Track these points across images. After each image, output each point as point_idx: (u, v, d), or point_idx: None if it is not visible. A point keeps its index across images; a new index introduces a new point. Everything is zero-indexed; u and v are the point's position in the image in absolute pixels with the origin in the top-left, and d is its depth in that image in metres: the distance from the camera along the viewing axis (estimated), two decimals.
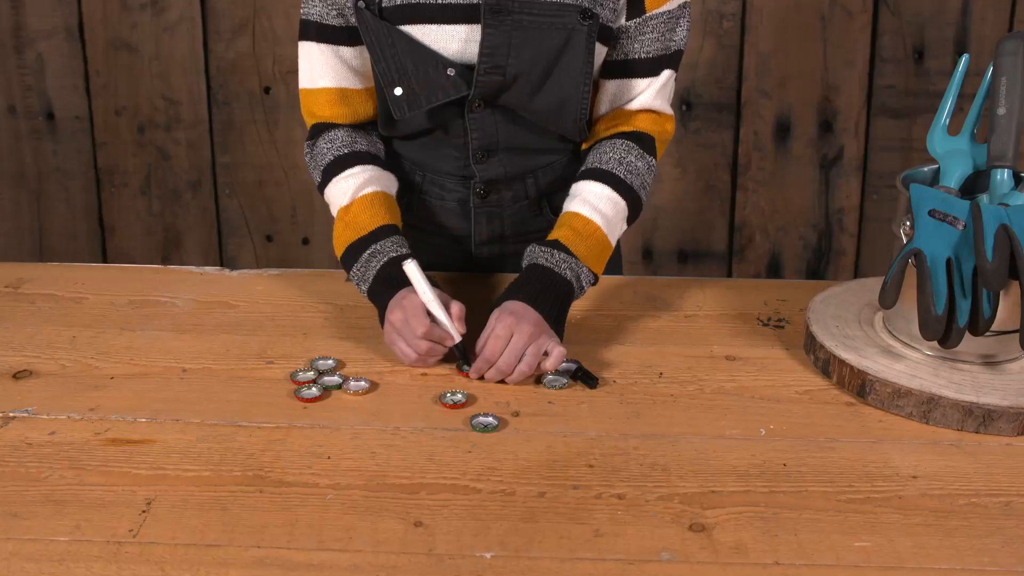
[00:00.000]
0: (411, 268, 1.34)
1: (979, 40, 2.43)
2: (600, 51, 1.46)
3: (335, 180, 1.47)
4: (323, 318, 1.49)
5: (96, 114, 2.59)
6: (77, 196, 2.66)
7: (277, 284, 1.59)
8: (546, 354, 1.31)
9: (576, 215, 1.43)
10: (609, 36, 1.45)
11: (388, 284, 1.37)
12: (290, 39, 2.50)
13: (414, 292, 1.34)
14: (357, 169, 1.47)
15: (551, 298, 1.36)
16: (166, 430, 1.22)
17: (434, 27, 1.41)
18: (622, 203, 1.46)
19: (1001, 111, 1.33)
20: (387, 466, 1.16)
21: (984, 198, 1.35)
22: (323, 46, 1.47)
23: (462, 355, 1.33)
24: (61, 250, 2.70)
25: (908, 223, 1.31)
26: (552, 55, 1.41)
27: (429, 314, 1.33)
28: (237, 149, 2.60)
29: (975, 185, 1.38)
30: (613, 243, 1.46)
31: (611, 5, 1.43)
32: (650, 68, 1.48)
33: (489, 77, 1.40)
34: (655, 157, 1.51)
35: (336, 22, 1.45)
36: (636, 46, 1.47)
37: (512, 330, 1.30)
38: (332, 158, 1.48)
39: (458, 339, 1.33)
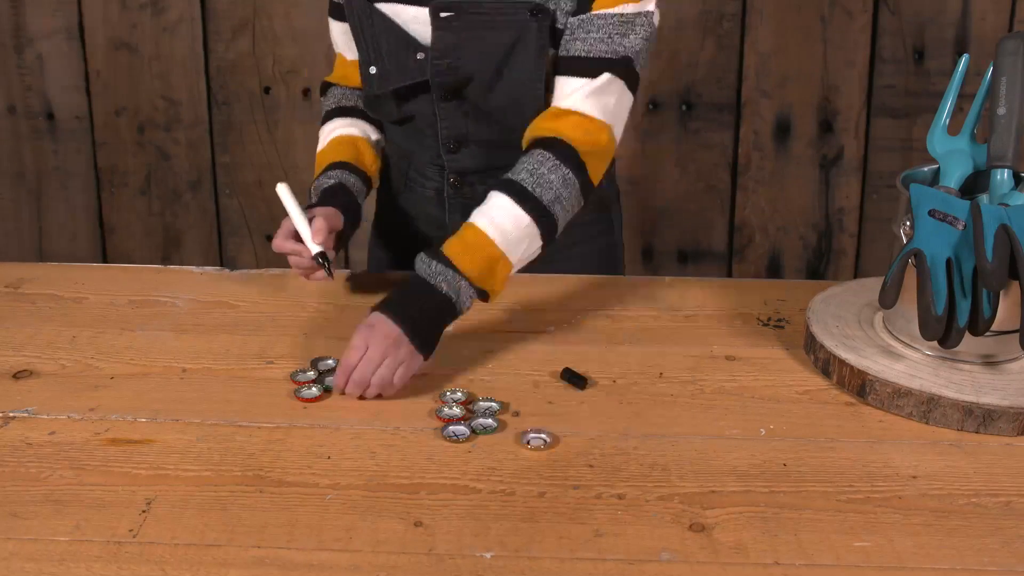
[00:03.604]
0: (281, 189, 1.44)
1: (979, 40, 2.43)
2: (553, 52, 1.45)
3: (321, 131, 1.62)
4: (323, 318, 1.49)
5: (96, 114, 2.59)
6: (77, 196, 2.66)
7: (277, 284, 1.59)
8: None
9: (471, 226, 1.36)
10: (557, 34, 1.44)
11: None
12: (290, 39, 2.50)
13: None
14: (337, 121, 1.60)
15: (417, 311, 1.30)
16: (166, 430, 1.22)
17: (402, 7, 1.46)
18: (526, 219, 1.36)
19: (1001, 111, 1.33)
20: (387, 466, 1.16)
21: (984, 198, 1.35)
22: (333, 21, 1.60)
23: (323, 264, 1.41)
24: (61, 250, 2.70)
25: (908, 223, 1.31)
26: (503, 52, 1.42)
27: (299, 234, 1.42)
28: (237, 149, 2.59)
29: (975, 185, 1.38)
30: (515, 259, 1.36)
31: (565, 6, 1.42)
32: (588, 68, 1.41)
33: (443, 76, 1.45)
34: (576, 169, 1.39)
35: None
36: (578, 44, 1.42)
37: (367, 342, 1.27)
38: (324, 111, 1.64)
39: (314, 250, 1.41)
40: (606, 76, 1.41)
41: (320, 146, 1.60)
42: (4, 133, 2.62)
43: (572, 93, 1.41)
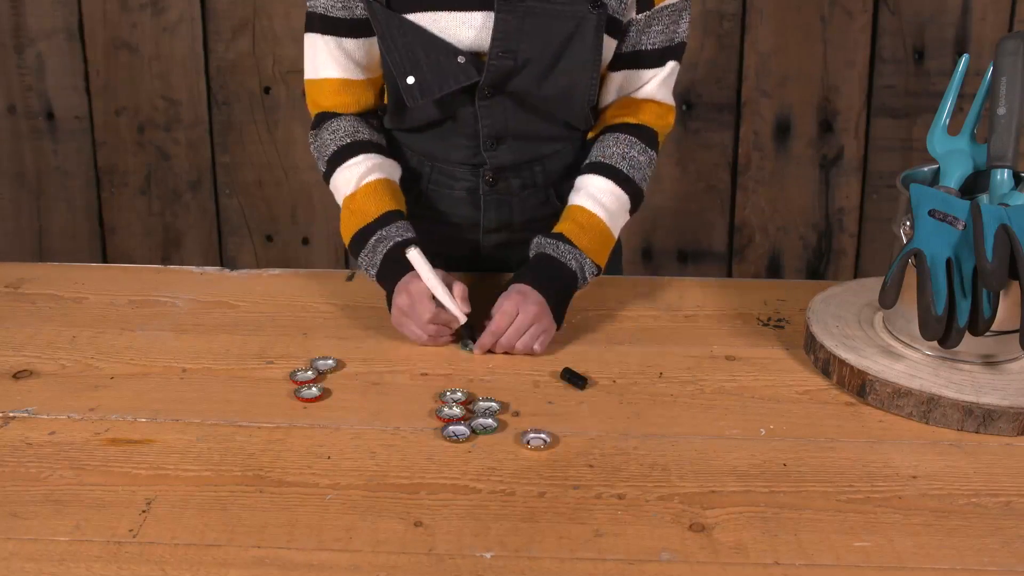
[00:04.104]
0: (414, 255, 1.38)
1: (979, 40, 2.43)
2: (607, 43, 1.48)
3: (340, 169, 1.50)
4: (323, 318, 1.49)
5: (96, 114, 2.59)
6: (77, 196, 2.66)
7: (277, 284, 1.59)
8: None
9: (580, 209, 1.49)
10: (616, 28, 1.48)
11: (396, 268, 1.41)
12: (290, 39, 2.50)
13: (418, 278, 1.38)
14: (361, 157, 1.50)
15: (556, 285, 1.42)
16: (166, 430, 1.22)
17: (445, 14, 1.44)
18: (624, 197, 1.51)
19: (1001, 111, 1.33)
20: (387, 466, 1.16)
21: (984, 198, 1.35)
22: (327, 37, 1.50)
23: (469, 334, 1.39)
24: (61, 250, 2.70)
25: (908, 223, 1.31)
26: (562, 42, 1.44)
27: (434, 298, 1.38)
28: (237, 149, 2.59)
29: (975, 185, 1.38)
30: (615, 235, 1.51)
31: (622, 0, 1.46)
32: (656, 59, 1.52)
33: (501, 62, 1.43)
34: (656, 151, 1.56)
35: (340, 14, 1.49)
36: (644, 38, 1.51)
37: (518, 308, 1.37)
38: (336, 148, 1.51)
39: (463, 320, 1.38)
40: (671, 64, 1.54)
41: (354, 186, 1.48)
42: (4, 133, 2.62)
43: (645, 84, 1.54)
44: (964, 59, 1.40)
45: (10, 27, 2.53)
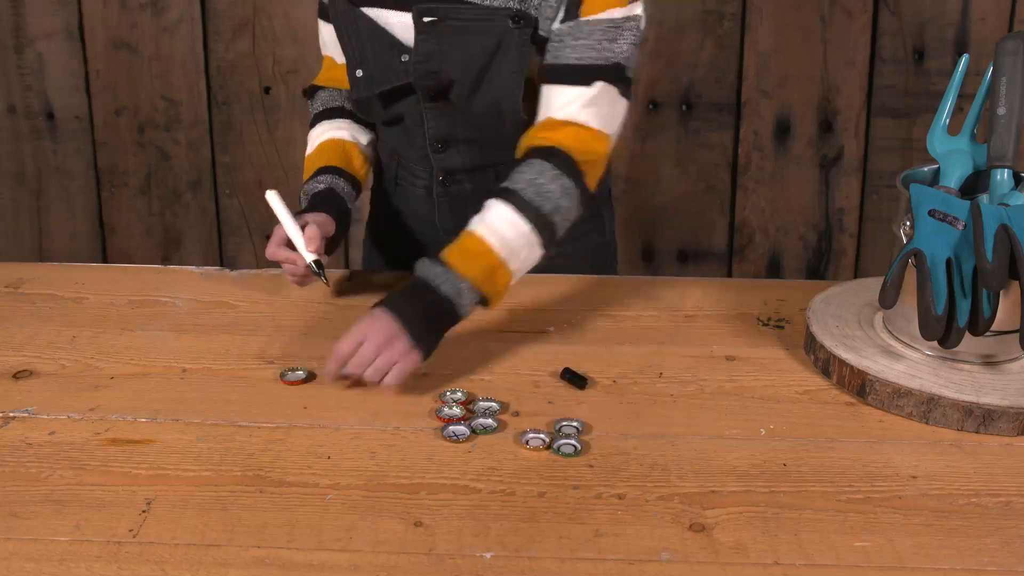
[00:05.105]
0: (271, 197, 1.45)
1: (979, 40, 2.43)
2: (536, 57, 1.45)
3: (310, 134, 1.62)
4: (323, 318, 1.49)
5: (96, 114, 2.59)
6: (77, 196, 2.66)
7: (277, 284, 1.59)
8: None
9: (471, 234, 1.36)
10: (545, 44, 1.44)
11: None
12: (290, 39, 2.50)
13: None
14: (325, 124, 1.60)
15: (422, 310, 1.31)
16: (166, 430, 1.22)
17: (387, 12, 1.47)
18: (526, 227, 1.36)
19: (1001, 111, 1.33)
20: (387, 466, 1.16)
21: (984, 198, 1.35)
22: (321, 21, 1.61)
23: (317, 272, 1.43)
24: (61, 250, 2.70)
25: (908, 223, 1.31)
26: (484, 59, 1.43)
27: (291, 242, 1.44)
28: (237, 149, 2.59)
29: (975, 185, 1.38)
30: (514, 267, 1.36)
31: (549, 13, 1.42)
32: (581, 76, 1.41)
33: (425, 81, 1.46)
34: (575, 179, 1.40)
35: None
36: (568, 51, 1.41)
37: (364, 335, 1.28)
38: (312, 116, 1.64)
39: (309, 258, 1.42)
40: (599, 85, 1.41)
41: (308, 150, 1.60)
42: (4, 133, 2.62)
43: (568, 104, 1.41)
44: (964, 59, 1.40)
45: (10, 27, 2.53)
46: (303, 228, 1.43)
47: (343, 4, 1.49)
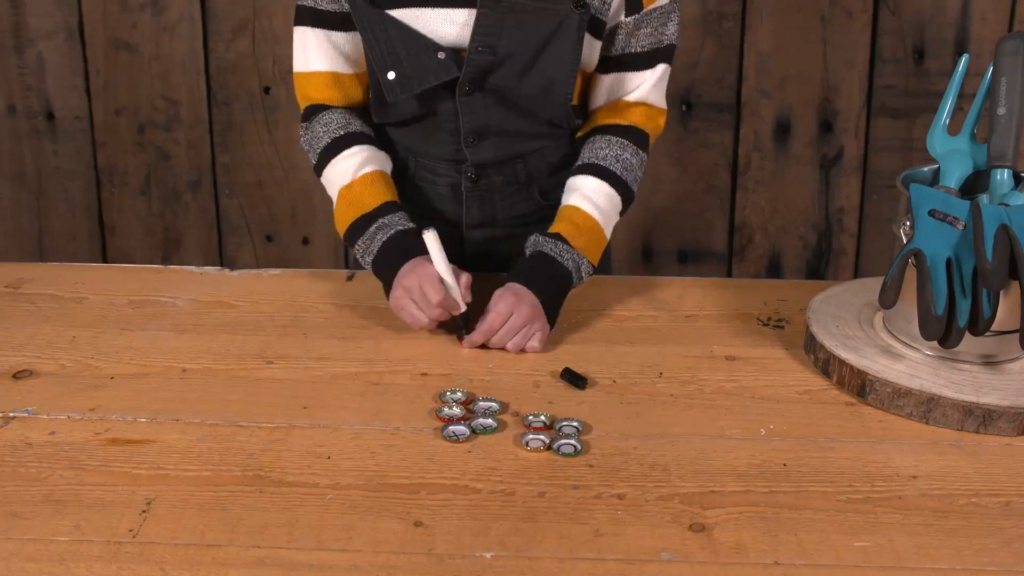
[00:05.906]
0: (430, 237, 1.40)
1: (979, 40, 2.43)
2: (590, 43, 1.48)
3: (334, 160, 1.52)
4: (323, 318, 1.49)
5: (96, 114, 2.59)
6: (77, 196, 2.66)
7: (277, 284, 1.59)
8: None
9: (576, 209, 1.50)
10: (599, 29, 1.49)
11: (395, 255, 1.44)
12: (290, 39, 2.47)
13: (429, 262, 1.40)
14: (356, 149, 1.52)
15: (551, 285, 1.44)
16: (166, 430, 1.22)
17: (428, 10, 1.45)
18: (617, 198, 1.52)
19: (1001, 111, 1.33)
20: (387, 466, 1.16)
21: (984, 198, 1.35)
22: (317, 31, 1.51)
23: (465, 324, 1.41)
24: (61, 250, 2.70)
25: (908, 223, 1.31)
26: (542, 39, 1.44)
27: (442, 282, 1.40)
28: (237, 149, 2.59)
29: (975, 185, 1.38)
30: (608, 235, 1.52)
31: (606, 1, 1.46)
32: (645, 62, 1.53)
33: (480, 56, 1.44)
34: (647, 153, 1.57)
35: (330, 7, 1.50)
36: (633, 41, 1.52)
37: (512, 309, 1.39)
38: (329, 140, 1.52)
39: (463, 308, 1.40)
40: (662, 67, 1.54)
41: (354, 175, 1.49)
42: (4, 133, 2.62)
43: (636, 88, 1.54)
44: (964, 59, 1.40)
45: (10, 27, 2.53)
46: (456, 276, 1.41)
47: (368, 10, 1.45)
